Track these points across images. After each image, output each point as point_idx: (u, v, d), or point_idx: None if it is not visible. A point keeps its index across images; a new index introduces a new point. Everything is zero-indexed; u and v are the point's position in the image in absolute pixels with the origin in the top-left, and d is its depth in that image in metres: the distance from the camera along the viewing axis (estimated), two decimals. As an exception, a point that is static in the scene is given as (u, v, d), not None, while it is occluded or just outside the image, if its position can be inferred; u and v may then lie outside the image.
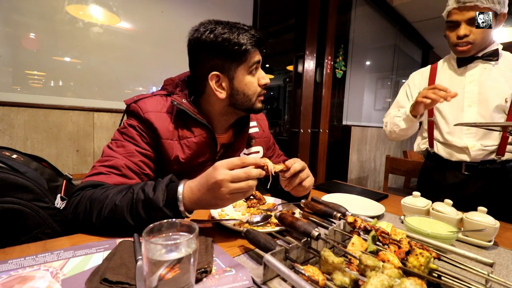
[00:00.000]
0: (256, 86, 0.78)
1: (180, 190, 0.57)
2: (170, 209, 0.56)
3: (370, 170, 3.54)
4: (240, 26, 0.74)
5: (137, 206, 0.57)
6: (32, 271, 0.43)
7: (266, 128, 1.03)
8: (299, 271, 0.41)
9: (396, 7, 3.44)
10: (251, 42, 0.72)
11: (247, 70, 0.75)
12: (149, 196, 0.56)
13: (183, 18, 1.72)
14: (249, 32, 0.73)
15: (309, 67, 2.57)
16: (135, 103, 0.74)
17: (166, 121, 0.75)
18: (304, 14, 2.50)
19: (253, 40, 0.72)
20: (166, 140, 0.74)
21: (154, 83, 1.66)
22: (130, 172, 0.68)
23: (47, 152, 1.26)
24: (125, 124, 0.74)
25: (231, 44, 0.70)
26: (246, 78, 0.76)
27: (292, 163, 0.69)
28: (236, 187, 0.55)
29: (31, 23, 1.22)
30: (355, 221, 0.56)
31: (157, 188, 0.58)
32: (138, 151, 0.71)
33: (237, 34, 0.71)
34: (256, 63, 0.76)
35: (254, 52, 0.74)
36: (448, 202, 0.73)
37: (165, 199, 0.56)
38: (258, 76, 0.78)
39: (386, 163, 2.20)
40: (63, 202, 0.70)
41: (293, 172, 0.69)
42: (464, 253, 0.48)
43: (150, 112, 0.73)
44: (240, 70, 0.75)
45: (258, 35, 0.74)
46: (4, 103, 1.14)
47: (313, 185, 0.77)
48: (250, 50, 0.72)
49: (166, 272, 0.34)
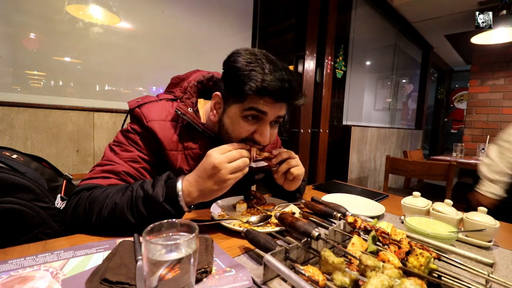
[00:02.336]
0: (245, 133, 0.66)
1: (179, 186, 0.58)
2: (170, 205, 0.57)
3: (370, 170, 3.54)
4: (276, 67, 0.63)
5: (137, 203, 0.57)
6: (32, 271, 0.43)
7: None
8: (299, 271, 0.41)
9: (396, 7, 3.43)
10: (256, 88, 0.60)
11: (240, 112, 0.65)
12: (148, 193, 0.57)
13: (183, 18, 1.71)
14: (267, 77, 0.60)
15: (309, 67, 2.57)
16: (139, 108, 0.71)
17: (171, 131, 0.72)
18: (304, 14, 2.50)
19: (265, 88, 0.60)
20: (170, 152, 0.71)
21: (154, 83, 1.65)
22: (129, 178, 0.67)
23: (47, 152, 1.26)
24: (129, 128, 0.72)
25: (239, 78, 0.62)
26: (237, 119, 0.66)
27: (279, 151, 0.71)
28: (234, 166, 0.58)
29: (31, 23, 1.22)
30: (355, 221, 0.56)
31: (156, 185, 0.58)
32: (141, 157, 0.69)
33: (255, 72, 0.61)
34: (254, 110, 0.63)
35: (258, 99, 0.62)
36: (448, 202, 0.73)
37: (164, 194, 0.57)
38: (258, 128, 0.66)
39: (386, 163, 2.20)
40: (63, 202, 0.70)
41: (279, 158, 0.70)
42: (464, 253, 0.48)
43: (154, 121, 0.70)
44: (233, 108, 0.66)
45: (274, 84, 0.60)
46: (4, 103, 1.14)
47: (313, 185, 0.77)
48: (250, 94, 0.61)
49: (166, 272, 0.34)
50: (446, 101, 6.58)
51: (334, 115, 3.09)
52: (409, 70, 4.69)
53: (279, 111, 0.66)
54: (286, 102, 0.66)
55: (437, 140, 6.57)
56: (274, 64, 0.63)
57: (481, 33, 2.60)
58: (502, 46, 3.08)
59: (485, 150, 2.56)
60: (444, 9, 3.38)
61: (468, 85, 3.52)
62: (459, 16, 3.51)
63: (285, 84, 0.61)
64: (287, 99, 0.65)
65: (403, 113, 4.76)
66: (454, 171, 1.87)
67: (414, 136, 4.78)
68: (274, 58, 0.67)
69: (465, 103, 4.80)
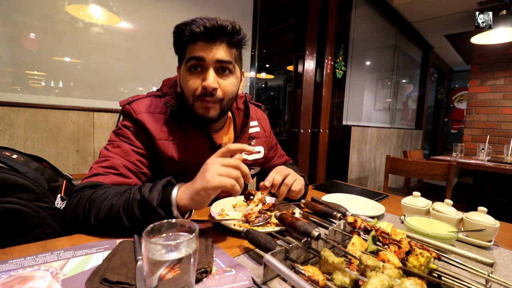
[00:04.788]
0: (193, 86, 0.69)
1: (174, 192, 0.56)
2: (164, 210, 0.55)
3: (370, 170, 3.54)
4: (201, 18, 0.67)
5: (132, 206, 0.56)
6: (32, 271, 0.43)
7: (268, 128, 1.02)
8: (299, 271, 0.41)
9: (396, 7, 3.43)
10: (189, 33, 0.65)
11: (186, 68, 0.70)
12: (144, 196, 0.56)
13: (183, 18, 1.70)
14: (196, 23, 0.65)
15: (309, 67, 2.57)
16: (128, 105, 0.75)
17: (160, 122, 0.74)
18: (304, 14, 2.50)
19: (192, 31, 0.64)
20: (160, 141, 0.73)
21: (154, 83, 1.65)
22: (128, 171, 0.68)
23: (47, 152, 1.26)
24: (120, 125, 0.75)
25: (176, 36, 0.69)
26: (184, 74, 0.71)
27: (271, 178, 0.70)
28: (224, 169, 0.55)
29: (31, 23, 1.22)
30: (355, 221, 0.56)
31: (154, 189, 0.57)
32: (133, 150, 0.71)
33: (185, 25, 0.66)
34: (193, 60, 0.68)
35: (193, 46, 0.67)
36: (448, 202, 0.73)
37: (160, 199, 0.55)
38: (203, 77, 0.69)
39: (386, 163, 2.20)
40: (63, 202, 0.70)
41: (276, 187, 0.70)
42: (464, 253, 0.48)
43: (142, 113, 0.73)
44: (182, 67, 0.72)
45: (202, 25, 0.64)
46: (4, 103, 1.14)
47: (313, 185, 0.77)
48: (187, 43, 0.67)
49: (166, 272, 0.34)
50: (446, 101, 6.58)
51: (334, 115, 3.09)
52: (409, 70, 4.69)
53: (217, 54, 0.67)
54: (221, 41, 0.67)
55: (437, 140, 6.57)
56: (206, 18, 0.66)
57: (481, 33, 2.60)
58: (502, 46, 3.08)
59: (485, 150, 2.56)
60: (444, 9, 3.38)
61: (468, 85, 3.52)
62: (459, 16, 3.51)
63: (213, 22, 0.64)
64: (219, 36, 0.66)
65: (403, 113, 4.76)
66: (454, 171, 1.87)
67: (414, 136, 4.78)
68: None
69: (465, 103, 4.81)
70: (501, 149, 2.90)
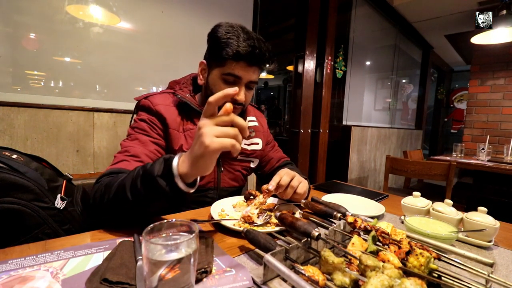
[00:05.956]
0: None
1: (174, 163, 0.54)
2: (164, 179, 0.53)
3: (370, 170, 3.54)
4: (249, 36, 0.76)
5: (136, 181, 0.56)
6: (32, 271, 0.43)
7: (265, 125, 1.09)
8: (299, 271, 0.41)
9: (396, 7, 3.43)
10: (235, 53, 0.74)
11: (220, 75, 0.78)
12: (146, 168, 0.56)
13: (183, 18, 1.71)
14: (241, 44, 0.74)
15: (309, 67, 2.57)
16: (145, 99, 0.84)
17: (174, 113, 0.83)
18: (304, 14, 2.50)
19: (239, 52, 0.73)
20: (173, 130, 0.81)
21: (154, 83, 1.65)
22: (149, 159, 0.74)
23: (47, 152, 1.26)
24: (136, 119, 0.82)
25: (219, 45, 0.75)
26: (218, 81, 0.79)
27: (275, 182, 0.71)
28: (220, 129, 0.51)
29: (31, 23, 1.22)
30: (355, 221, 0.56)
31: (156, 161, 0.56)
32: (151, 141, 0.78)
33: (232, 40, 0.74)
34: (232, 76, 0.77)
35: (234, 64, 0.75)
36: (448, 202, 0.73)
37: (161, 170, 0.54)
38: None
39: (386, 163, 2.20)
40: (63, 202, 0.70)
41: (283, 186, 0.72)
42: (464, 253, 0.48)
43: (160, 105, 0.82)
44: (215, 71, 0.79)
45: (247, 47, 0.74)
46: (4, 103, 1.14)
47: (313, 185, 0.78)
48: (228, 59, 0.75)
49: (166, 272, 0.34)
50: (446, 101, 6.58)
51: (334, 115, 3.09)
52: (409, 70, 4.69)
53: (252, 76, 0.79)
54: (258, 66, 0.79)
55: (437, 140, 6.58)
56: (248, 35, 0.76)
57: (481, 33, 2.60)
58: (502, 46, 3.08)
59: (485, 150, 2.55)
60: (444, 9, 3.38)
61: (468, 85, 3.52)
62: (459, 16, 3.51)
63: (255, 50, 0.75)
64: (258, 63, 0.78)
65: (403, 113, 4.76)
66: (454, 171, 1.87)
67: (414, 136, 4.78)
68: (250, 30, 0.80)
69: (465, 103, 4.81)
70: (501, 149, 2.90)
